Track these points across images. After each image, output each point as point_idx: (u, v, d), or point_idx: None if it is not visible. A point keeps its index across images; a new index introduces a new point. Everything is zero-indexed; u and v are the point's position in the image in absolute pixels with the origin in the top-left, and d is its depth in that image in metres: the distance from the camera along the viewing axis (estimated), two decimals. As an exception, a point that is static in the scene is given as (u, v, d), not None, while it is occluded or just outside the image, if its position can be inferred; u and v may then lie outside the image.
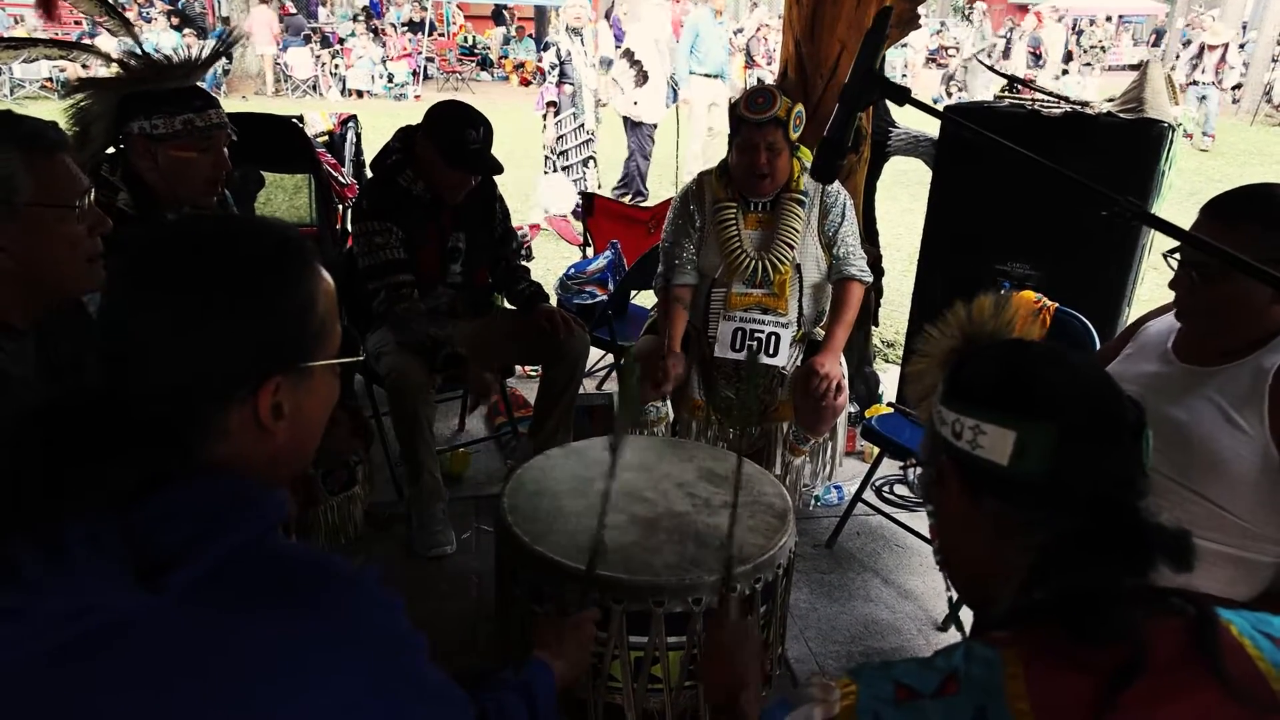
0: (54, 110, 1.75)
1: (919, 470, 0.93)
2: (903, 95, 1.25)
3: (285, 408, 0.74)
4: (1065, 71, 14.27)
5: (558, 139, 5.93)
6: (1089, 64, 18.63)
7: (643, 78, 6.08)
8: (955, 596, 0.94)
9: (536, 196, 6.06)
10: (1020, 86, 3.17)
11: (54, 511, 0.63)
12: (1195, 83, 10.84)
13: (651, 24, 6.57)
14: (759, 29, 13.85)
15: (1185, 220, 1.40)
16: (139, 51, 1.88)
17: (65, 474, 0.64)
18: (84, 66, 1.94)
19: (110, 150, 1.86)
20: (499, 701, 0.99)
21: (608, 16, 18.51)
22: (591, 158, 6.02)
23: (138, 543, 0.64)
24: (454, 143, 2.33)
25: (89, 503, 0.64)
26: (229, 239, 0.75)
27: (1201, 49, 10.99)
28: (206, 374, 0.70)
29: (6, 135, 1.13)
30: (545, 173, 6.11)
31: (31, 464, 0.64)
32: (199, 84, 1.91)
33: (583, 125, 5.92)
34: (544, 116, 5.97)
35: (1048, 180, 1.18)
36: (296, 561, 0.71)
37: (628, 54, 6.22)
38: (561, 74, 5.85)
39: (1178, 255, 1.36)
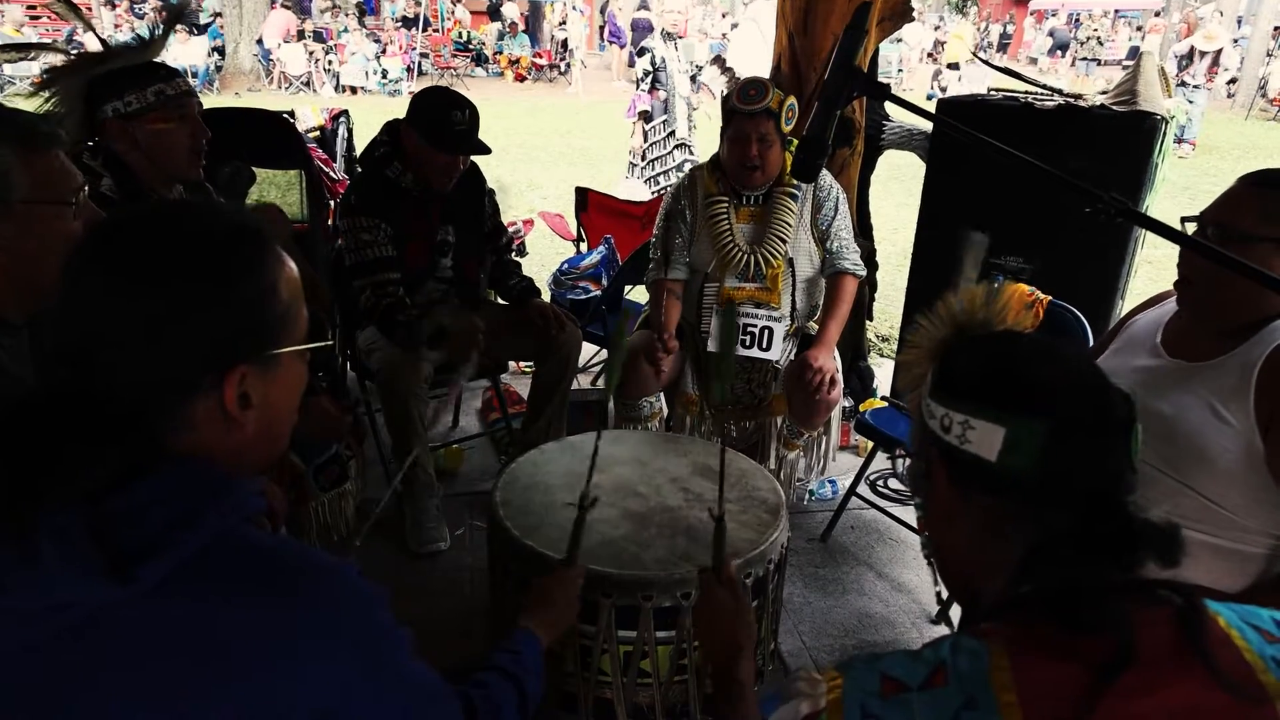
0: (39, 109, 1.74)
1: (908, 461, 0.93)
2: (883, 92, 1.24)
3: (253, 397, 0.73)
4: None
5: (648, 145, 5.78)
6: (1085, 58, 18.62)
7: (735, 83, 5.97)
8: (945, 591, 0.94)
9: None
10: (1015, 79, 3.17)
11: (24, 509, 0.62)
12: (1184, 84, 10.71)
13: (765, 24, 6.41)
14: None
15: (1177, 214, 1.40)
16: (99, 38, 1.87)
17: (34, 471, 0.64)
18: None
19: (89, 143, 1.84)
20: (484, 687, 0.99)
21: (603, 11, 18.50)
22: (688, 161, 5.92)
23: (108, 536, 0.63)
24: (439, 124, 2.31)
25: (58, 498, 0.64)
26: (184, 227, 0.74)
27: (1192, 52, 10.86)
28: (166, 366, 0.69)
29: (1, 132, 1.12)
30: (625, 178, 6.01)
31: (6, 462, 0.63)
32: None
33: (674, 133, 5.79)
34: (634, 123, 5.83)
35: (1040, 174, 1.17)
36: (274, 553, 0.70)
37: (719, 60, 6.10)
38: (655, 80, 5.69)
39: (1194, 222, 1.34)
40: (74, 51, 1.87)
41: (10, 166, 1.10)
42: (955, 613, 2.26)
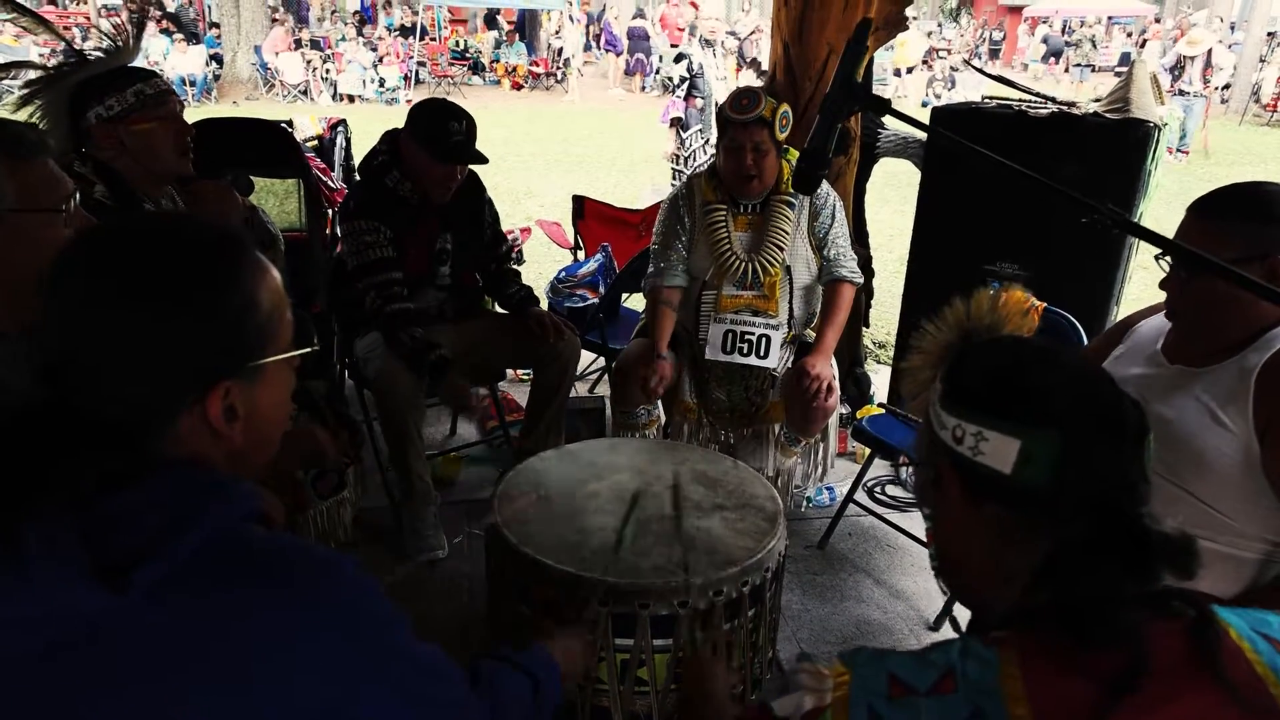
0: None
1: (913, 470, 0.93)
2: (883, 106, 1.26)
3: (239, 409, 0.73)
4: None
5: (689, 154, 5.73)
6: (1079, 64, 18.67)
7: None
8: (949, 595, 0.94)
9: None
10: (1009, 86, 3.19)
11: (11, 517, 0.62)
12: (1182, 92, 10.60)
13: None
14: (753, 31, 13.96)
15: (1172, 220, 1.41)
16: (71, 48, 1.88)
17: (18, 480, 0.64)
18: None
19: (79, 151, 1.85)
20: (496, 673, 0.99)
21: (599, 19, 18.57)
22: None
23: (98, 542, 0.63)
24: (437, 136, 2.32)
25: (44, 507, 0.63)
26: (161, 241, 0.73)
27: (1180, 60, 10.75)
28: (146, 382, 0.69)
29: None
30: (672, 184, 6.02)
31: None
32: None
33: (709, 141, 5.75)
34: (668, 129, 5.75)
35: (1036, 182, 1.19)
36: (270, 551, 0.70)
37: (755, 63, 6.10)
38: (692, 87, 5.61)
39: (1169, 258, 1.36)
40: (51, 64, 1.87)
41: None
42: (955, 620, 2.27)
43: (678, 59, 5.87)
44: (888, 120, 3.44)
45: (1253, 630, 0.73)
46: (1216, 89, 10.71)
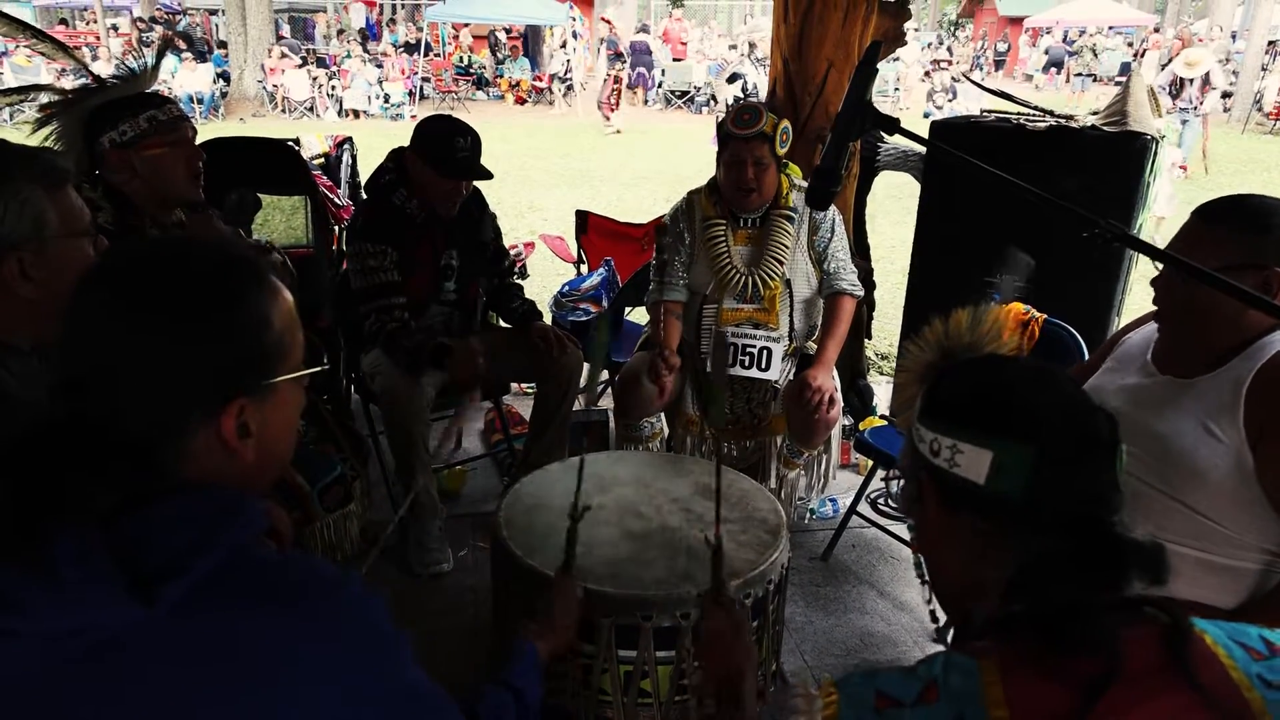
0: (41, 144, 1.78)
1: (901, 483, 0.95)
2: (892, 125, 1.29)
3: (252, 426, 0.75)
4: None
5: None
6: (1080, 73, 18.73)
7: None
8: (939, 609, 0.95)
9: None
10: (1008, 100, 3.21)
11: (41, 532, 0.64)
12: (1181, 109, 10.56)
13: None
14: (756, 46, 14.08)
15: (1173, 226, 1.44)
16: (90, 73, 1.92)
17: (49, 495, 0.66)
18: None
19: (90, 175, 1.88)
20: (484, 697, 1.02)
21: (603, 40, 18.71)
22: None
23: (126, 558, 0.65)
24: (443, 152, 2.36)
25: (74, 522, 0.65)
26: (174, 264, 0.75)
27: (1177, 81, 10.73)
28: (161, 400, 0.71)
29: (28, 173, 1.16)
30: None
31: (16, 487, 0.65)
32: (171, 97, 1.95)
33: None
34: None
35: (1035, 196, 1.21)
36: (282, 568, 0.72)
37: None
38: None
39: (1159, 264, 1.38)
40: (70, 88, 1.91)
41: (43, 206, 1.15)
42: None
43: (731, 79, 5.85)
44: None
45: (1230, 638, 0.75)
46: (1205, 112, 10.67)
